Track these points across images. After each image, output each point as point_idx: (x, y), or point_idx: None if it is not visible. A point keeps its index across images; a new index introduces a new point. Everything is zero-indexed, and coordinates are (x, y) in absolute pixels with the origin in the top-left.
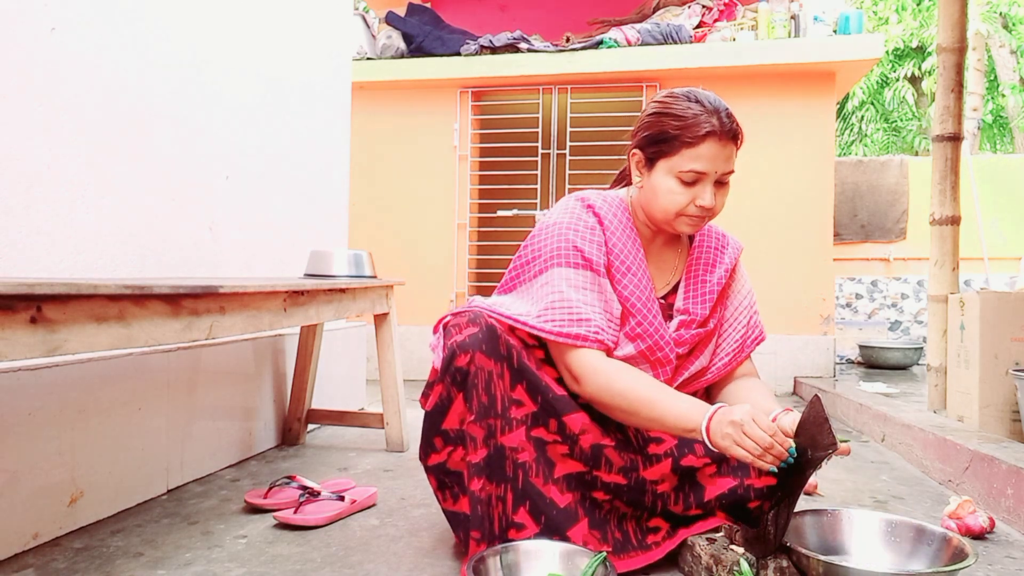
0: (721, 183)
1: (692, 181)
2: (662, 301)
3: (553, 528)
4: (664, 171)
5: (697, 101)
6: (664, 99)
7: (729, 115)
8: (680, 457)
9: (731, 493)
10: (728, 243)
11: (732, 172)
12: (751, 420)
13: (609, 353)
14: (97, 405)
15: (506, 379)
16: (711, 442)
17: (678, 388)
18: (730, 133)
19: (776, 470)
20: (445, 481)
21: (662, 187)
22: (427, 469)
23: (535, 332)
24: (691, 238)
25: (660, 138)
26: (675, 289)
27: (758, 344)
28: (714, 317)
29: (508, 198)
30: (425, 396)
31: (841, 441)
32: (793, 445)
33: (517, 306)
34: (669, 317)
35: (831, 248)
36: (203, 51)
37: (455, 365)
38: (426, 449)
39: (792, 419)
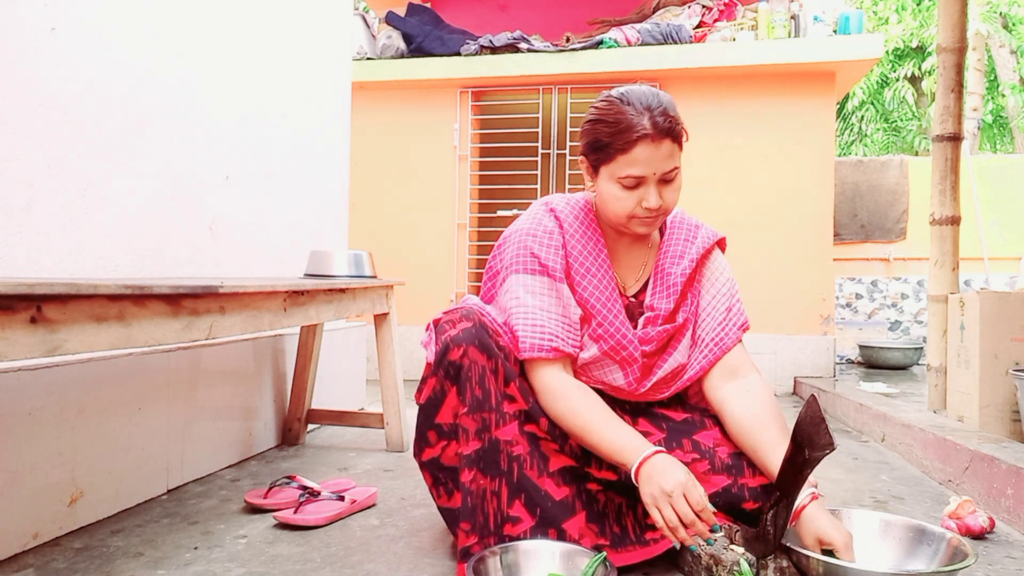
0: (666, 181)
1: (633, 185)
2: (632, 299)
3: (549, 520)
4: (606, 177)
5: (629, 103)
6: (599, 104)
7: (663, 112)
8: (668, 451)
9: (725, 492)
10: (698, 234)
11: (677, 168)
12: (681, 495)
13: (572, 358)
14: (97, 405)
15: (500, 374)
16: (639, 489)
17: (655, 386)
18: (664, 132)
19: (695, 548)
20: (439, 477)
21: (607, 193)
22: (421, 465)
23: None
24: (661, 232)
25: (597, 145)
26: (645, 287)
27: (742, 331)
28: (683, 311)
29: (508, 198)
30: (419, 390)
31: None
32: (717, 525)
33: (496, 316)
34: (641, 315)
35: (831, 248)
36: (203, 51)
37: (448, 359)
38: (420, 444)
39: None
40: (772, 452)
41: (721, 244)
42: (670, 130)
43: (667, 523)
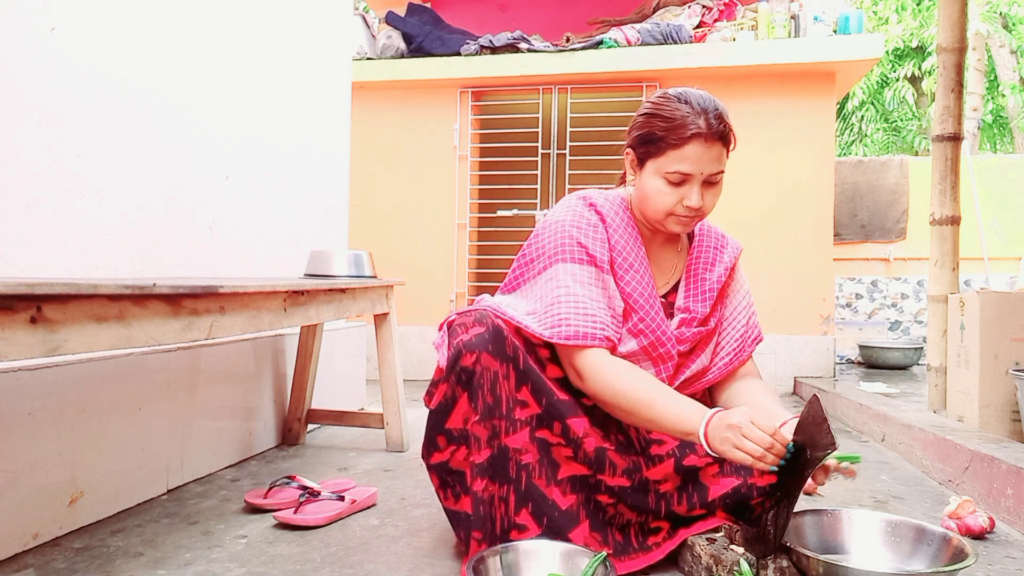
0: (710, 183)
1: (679, 182)
2: (663, 300)
3: (555, 530)
4: (652, 171)
5: (687, 102)
6: (655, 100)
7: (719, 116)
8: (682, 457)
9: (735, 492)
10: (727, 243)
11: (722, 172)
12: (749, 422)
13: (613, 350)
14: (97, 405)
15: (512, 380)
16: (709, 446)
17: (679, 387)
18: (717, 134)
19: (776, 469)
20: (447, 480)
21: (651, 187)
22: (429, 468)
23: (543, 338)
24: (690, 237)
25: (648, 139)
26: (675, 288)
27: (757, 344)
28: (714, 316)
29: (508, 198)
30: (429, 394)
31: (852, 461)
32: (791, 442)
33: (522, 305)
34: (670, 315)
35: (831, 248)
36: (203, 51)
37: (460, 364)
38: (429, 448)
39: (791, 427)
40: (767, 400)
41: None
42: (723, 134)
43: (750, 454)
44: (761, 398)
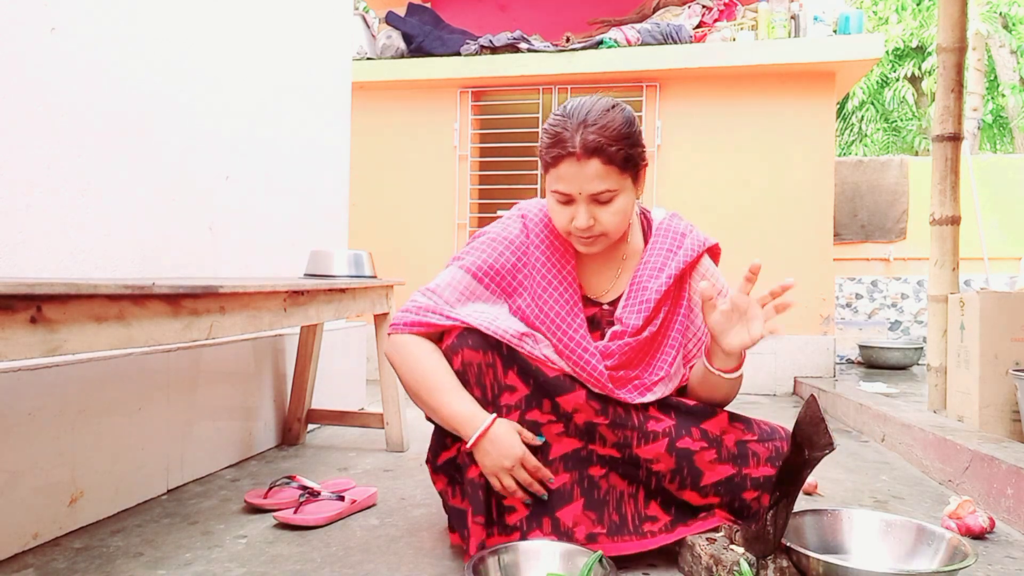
0: (600, 202)
1: (564, 201)
2: (607, 307)
3: (542, 509)
4: (548, 188)
5: (569, 116)
6: (552, 113)
7: (599, 129)
8: (676, 438)
9: (728, 481)
10: (683, 244)
11: (611, 191)
12: (520, 466)
13: (435, 338)
14: (97, 405)
15: (497, 367)
16: (474, 449)
17: (657, 407)
18: (590, 151)
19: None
20: (456, 477)
21: (548, 205)
22: (436, 470)
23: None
24: (646, 240)
25: (539, 155)
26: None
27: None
28: (652, 325)
29: (508, 198)
30: None
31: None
32: (552, 477)
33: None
34: (611, 324)
35: (831, 248)
36: (203, 51)
37: (452, 368)
38: (436, 449)
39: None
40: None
41: (714, 252)
42: (598, 150)
43: (506, 490)
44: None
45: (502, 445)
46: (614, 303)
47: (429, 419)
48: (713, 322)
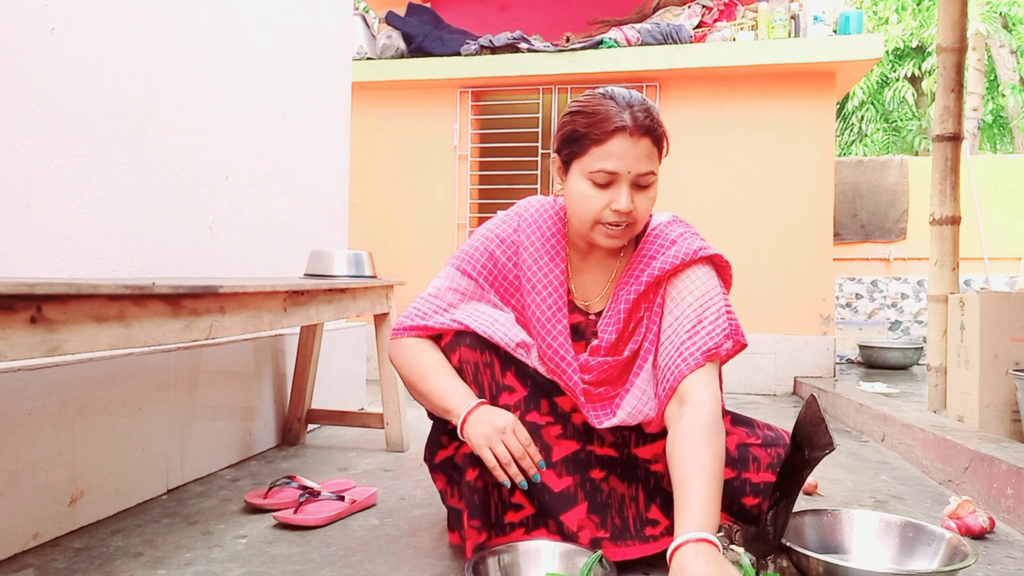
0: (641, 186)
1: (605, 183)
2: (592, 317)
3: (547, 511)
4: (577, 174)
5: (611, 98)
6: (579, 98)
7: (646, 110)
8: None
9: (727, 485)
10: (670, 251)
11: (653, 175)
12: (511, 431)
13: (434, 339)
14: (97, 405)
15: (495, 367)
16: (463, 430)
17: (619, 424)
18: (643, 128)
19: (517, 484)
20: (453, 476)
21: (576, 191)
22: (434, 468)
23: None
24: (635, 245)
25: (572, 137)
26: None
27: (710, 355)
28: (633, 342)
29: (508, 198)
30: None
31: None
32: (543, 462)
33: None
34: (595, 335)
35: (831, 248)
36: (203, 51)
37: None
38: (433, 448)
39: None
40: (686, 495)
41: (719, 266)
42: (650, 128)
43: (499, 459)
44: (683, 450)
45: (493, 413)
46: (600, 313)
47: (431, 416)
48: None
